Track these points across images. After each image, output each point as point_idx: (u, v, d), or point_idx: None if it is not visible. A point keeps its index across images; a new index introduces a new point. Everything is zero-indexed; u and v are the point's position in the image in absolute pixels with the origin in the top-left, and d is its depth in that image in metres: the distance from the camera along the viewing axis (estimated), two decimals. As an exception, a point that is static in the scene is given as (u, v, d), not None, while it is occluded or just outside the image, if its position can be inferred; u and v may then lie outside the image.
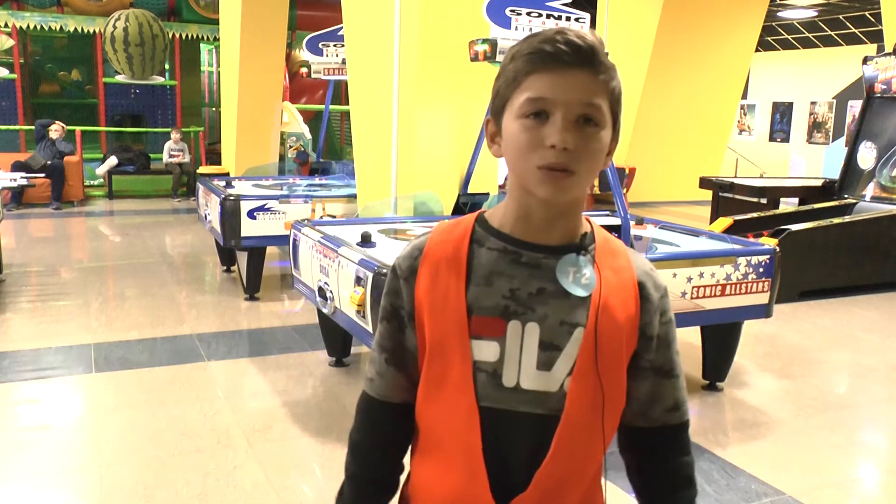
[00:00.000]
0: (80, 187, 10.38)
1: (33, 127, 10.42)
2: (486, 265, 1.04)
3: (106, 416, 3.55)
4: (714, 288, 3.72)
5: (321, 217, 5.60)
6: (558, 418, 1.02)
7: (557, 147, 0.96)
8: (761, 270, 3.85)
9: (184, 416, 3.54)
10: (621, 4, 10.21)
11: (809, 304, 5.96)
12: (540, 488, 1.02)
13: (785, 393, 4.12)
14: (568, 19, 4.29)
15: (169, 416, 3.53)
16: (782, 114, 15.73)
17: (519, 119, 0.99)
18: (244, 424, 3.47)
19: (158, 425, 3.44)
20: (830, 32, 14.15)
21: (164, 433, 3.36)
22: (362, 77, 5.72)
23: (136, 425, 3.45)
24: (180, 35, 12.21)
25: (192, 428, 3.41)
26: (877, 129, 7.58)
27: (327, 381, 4.06)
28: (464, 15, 4.89)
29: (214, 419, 3.52)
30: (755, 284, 3.85)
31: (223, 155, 10.90)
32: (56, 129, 10.05)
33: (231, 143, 10.12)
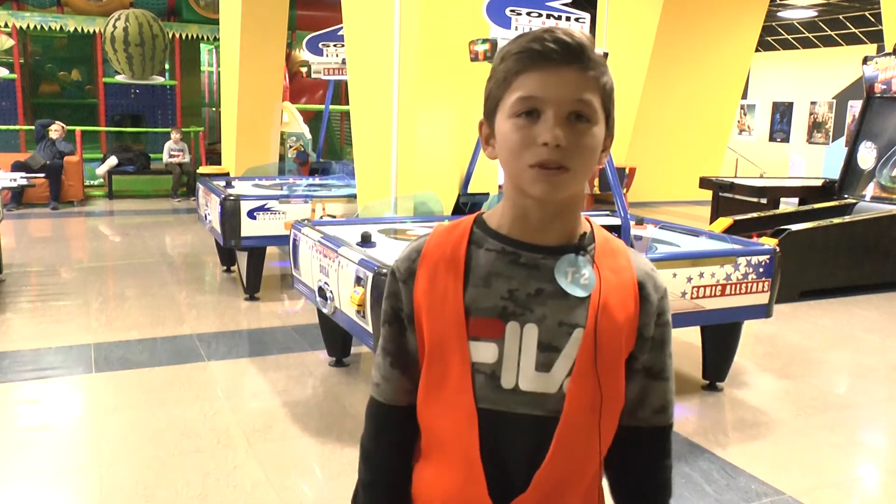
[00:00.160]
0: (80, 187, 10.37)
1: (33, 127, 10.43)
2: (485, 266, 1.04)
3: (106, 416, 3.55)
4: (714, 288, 3.73)
5: (321, 217, 5.60)
6: (557, 420, 1.02)
7: (550, 144, 0.96)
8: (761, 270, 3.85)
9: (184, 416, 3.54)
10: (621, 4, 10.22)
11: (809, 304, 5.96)
12: (539, 490, 1.02)
13: (785, 393, 4.12)
14: (568, 19, 4.29)
15: (169, 416, 3.53)
16: (782, 114, 15.73)
17: (511, 119, 0.99)
18: (244, 424, 3.47)
19: (158, 425, 3.44)
20: (830, 32, 14.14)
21: (164, 433, 3.36)
22: (362, 77, 5.71)
23: (136, 425, 3.45)
24: (180, 35, 12.21)
25: (192, 428, 3.42)
26: (877, 129, 7.58)
27: (327, 381, 4.06)
28: (464, 15, 4.88)
29: (214, 419, 3.52)
30: (755, 284, 3.85)
31: (223, 155, 10.90)
32: (56, 129, 10.05)
33: (231, 143, 10.11)
